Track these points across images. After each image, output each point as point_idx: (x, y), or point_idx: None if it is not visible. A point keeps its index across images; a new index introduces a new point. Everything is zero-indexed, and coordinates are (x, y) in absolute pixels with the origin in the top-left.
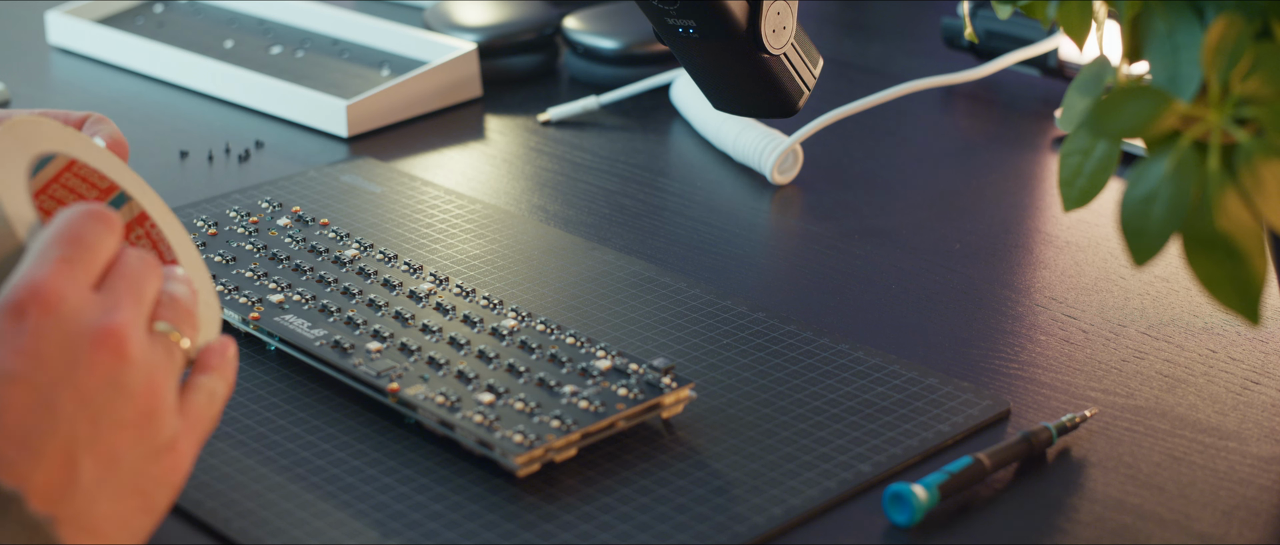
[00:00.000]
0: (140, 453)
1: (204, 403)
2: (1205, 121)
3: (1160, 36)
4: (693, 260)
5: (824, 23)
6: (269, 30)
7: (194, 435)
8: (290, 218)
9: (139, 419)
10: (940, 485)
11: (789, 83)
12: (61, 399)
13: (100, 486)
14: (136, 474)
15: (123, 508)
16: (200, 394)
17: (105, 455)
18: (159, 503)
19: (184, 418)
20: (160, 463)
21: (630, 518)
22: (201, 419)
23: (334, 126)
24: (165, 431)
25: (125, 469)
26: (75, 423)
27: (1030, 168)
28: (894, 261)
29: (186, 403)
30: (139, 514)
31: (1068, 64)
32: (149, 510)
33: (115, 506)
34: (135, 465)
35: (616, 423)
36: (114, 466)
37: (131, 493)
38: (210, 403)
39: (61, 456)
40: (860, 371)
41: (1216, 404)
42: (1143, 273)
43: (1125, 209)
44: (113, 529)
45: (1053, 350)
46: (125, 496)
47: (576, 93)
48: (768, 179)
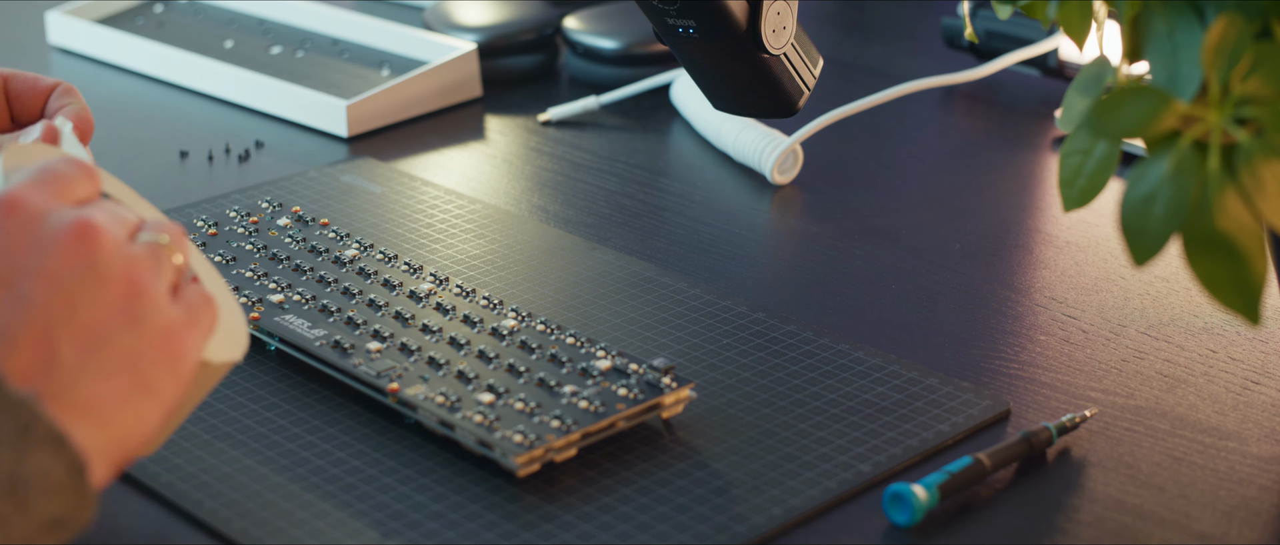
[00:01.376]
0: (127, 333)
1: (199, 299)
2: (1205, 121)
3: (1160, 36)
4: (693, 260)
5: (824, 23)
6: (269, 30)
7: (193, 327)
8: (290, 218)
9: (120, 301)
10: (940, 485)
11: (789, 83)
12: (32, 288)
13: (83, 365)
14: (126, 352)
15: (113, 385)
16: (194, 291)
17: (84, 335)
18: (160, 385)
19: (180, 307)
20: (154, 346)
21: (630, 518)
22: (199, 311)
23: (334, 126)
24: (155, 316)
25: (112, 348)
26: (49, 307)
27: (1030, 168)
28: (894, 261)
29: (181, 296)
30: (136, 393)
31: (1068, 64)
32: (147, 390)
33: (104, 383)
34: (124, 345)
35: (616, 423)
36: (96, 345)
37: (122, 370)
38: (206, 302)
39: (37, 339)
40: (860, 371)
41: (1216, 404)
42: (1143, 273)
43: (1125, 209)
44: (106, 406)
45: (1053, 350)
46: (114, 374)
47: (576, 93)
48: (768, 179)
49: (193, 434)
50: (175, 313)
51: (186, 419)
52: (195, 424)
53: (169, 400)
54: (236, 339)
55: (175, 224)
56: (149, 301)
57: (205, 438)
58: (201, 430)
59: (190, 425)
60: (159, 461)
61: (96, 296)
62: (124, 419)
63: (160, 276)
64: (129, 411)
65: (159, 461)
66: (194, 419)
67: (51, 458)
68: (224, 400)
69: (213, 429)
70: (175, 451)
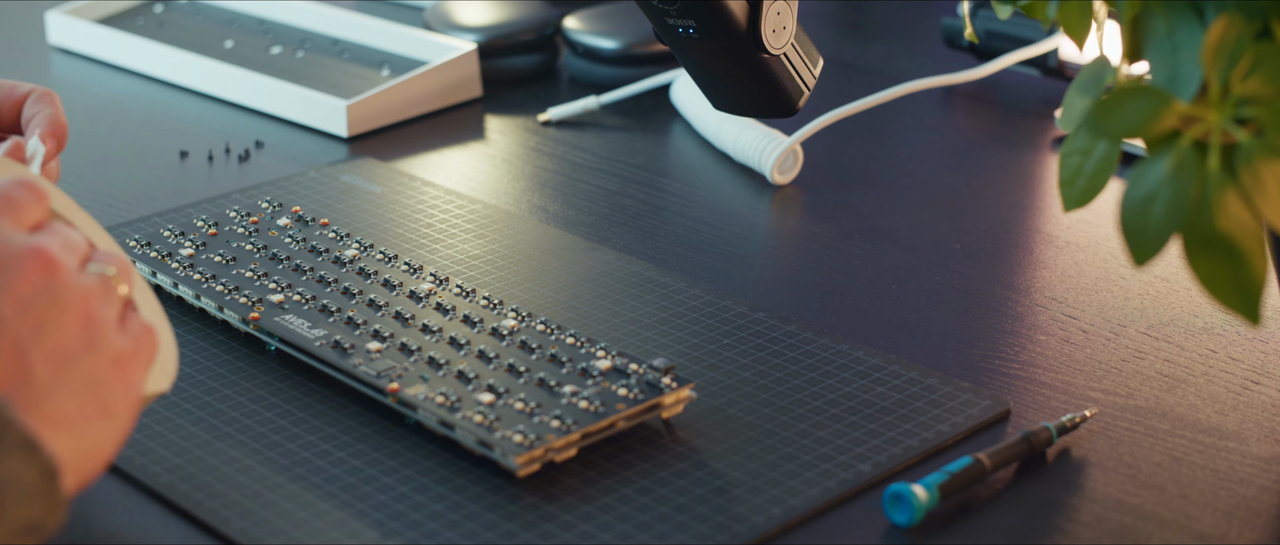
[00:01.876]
0: (88, 358)
1: (142, 330)
2: (1205, 121)
3: (1160, 36)
4: (693, 260)
5: (824, 23)
6: (269, 30)
7: (140, 356)
8: (290, 218)
9: (81, 326)
10: (940, 485)
11: (789, 83)
12: (2, 307)
13: (55, 382)
14: (88, 376)
15: (82, 405)
16: (136, 322)
17: (53, 354)
18: (118, 411)
19: (127, 337)
20: (109, 372)
21: (630, 518)
22: (143, 342)
23: (334, 126)
24: (108, 344)
25: (76, 370)
26: (18, 325)
27: (1030, 168)
28: (894, 261)
29: (127, 325)
30: (100, 418)
31: (1068, 64)
32: (109, 416)
33: (75, 403)
34: (86, 369)
35: (616, 423)
36: (64, 365)
37: (87, 393)
38: (148, 333)
39: (11, 353)
40: (860, 371)
41: (1216, 404)
42: (1143, 273)
43: (1125, 209)
44: (75, 423)
45: (1053, 350)
46: (82, 394)
47: (576, 93)
48: (768, 179)
49: (193, 434)
50: (124, 342)
51: (184, 419)
52: (195, 424)
53: (123, 425)
54: (167, 370)
55: (121, 254)
56: (102, 330)
57: (205, 438)
58: (201, 430)
59: (190, 425)
60: (159, 461)
61: (60, 321)
62: (89, 437)
63: (110, 306)
64: (93, 431)
65: (159, 461)
66: (194, 419)
67: (25, 463)
68: (224, 400)
69: (213, 429)
70: (175, 451)
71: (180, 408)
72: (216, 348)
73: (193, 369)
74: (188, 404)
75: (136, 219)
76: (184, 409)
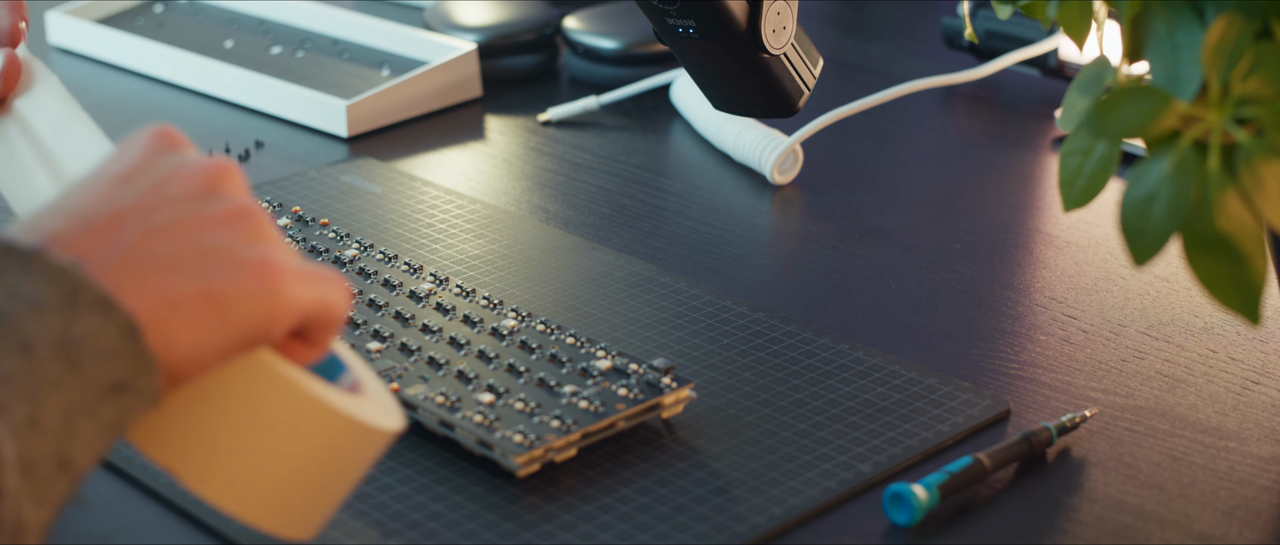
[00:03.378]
0: (216, 233)
1: (326, 272)
2: (1205, 121)
3: (1160, 36)
4: (693, 260)
5: (824, 23)
6: (269, 30)
7: (304, 280)
8: (290, 218)
9: (222, 218)
10: (940, 485)
11: (789, 83)
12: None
13: (153, 258)
14: (202, 258)
15: (174, 284)
16: (322, 267)
17: (161, 228)
18: (233, 306)
19: (296, 258)
20: (242, 260)
21: (630, 518)
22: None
23: (334, 126)
24: (252, 240)
25: (186, 248)
26: (143, 197)
27: (1030, 168)
28: (894, 261)
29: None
30: (201, 303)
31: (1068, 64)
32: (215, 303)
33: (168, 282)
34: (202, 250)
35: (616, 423)
36: (169, 239)
37: (191, 274)
38: (333, 279)
39: (113, 223)
40: (860, 371)
41: (1216, 404)
42: (1143, 273)
43: (1125, 209)
44: (162, 305)
45: (1053, 350)
46: (179, 274)
47: (576, 93)
48: (768, 179)
49: None
50: (277, 253)
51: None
52: None
53: (237, 324)
54: (389, 411)
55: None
56: (250, 225)
57: None
58: None
59: None
60: None
61: (199, 210)
62: (179, 324)
63: (280, 236)
64: (187, 316)
65: None
66: None
67: (101, 320)
68: None
69: None
70: None
71: None
72: None
73: None
74: None
75: None
76: None
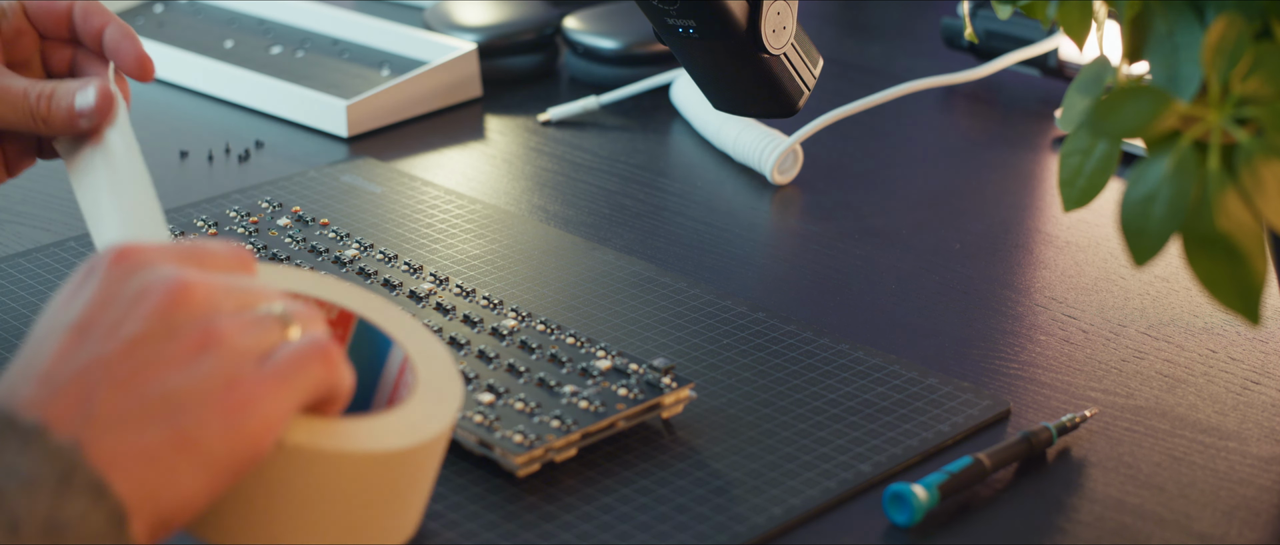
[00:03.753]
0: (174, 376)
1: (305, 355)
2: (1205, 121)
3: (1160, 36)
4: (693, 260)
5: (824, 23)
6: (269, 30)
7: (279, 384)
8: (290, 218)
9: (185, 352)
10: (940, 485)
11: (789, 83)
12: (102, 343)
13: (119, 415)
14: (167, 401)
15: (145, 438)
16: (301, 348)
17: (124, 380)
18: (205, 441)
19: (265, 365)
20: (205, 395)
21: (630, 518)
22: (296, 369)
23: (334, 126)
24: (220, 365)
25: (150, 395)
26: (102, 346)
27: (1030, 168)
28: (894, 261)
29: (273, 356)
30: (174, 452)
31: (1068, 64)
32: (188, 449)
33: (137, 438)
34: (167, 392)
35: (616, 423)
36: (133, 390)
37: (159, 424)
38: (315, 359)
39: (78, 385)
40: (860, 371)
41: (1216, 404)
42: (1143, 273)
43: (1125, 209)
44: (136, 463)
45: (1053, 350)
46: (148, 427)
47: (576, 93)
48: (768, 179)
49: None
50: (251, 367)
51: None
52: None
53: (216, 462)
54: (442, 393)
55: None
56: (219, 351)
57: None
58: None
59: None
60: None
61: (159, 350)
62: (156, 477)
63: (248, 336)
64: (163, 469)
65: None
66: None
67: (91, 504)
68: None
69: None
70: None
71: None
72: None
73: None
74: None
75: None
76: None
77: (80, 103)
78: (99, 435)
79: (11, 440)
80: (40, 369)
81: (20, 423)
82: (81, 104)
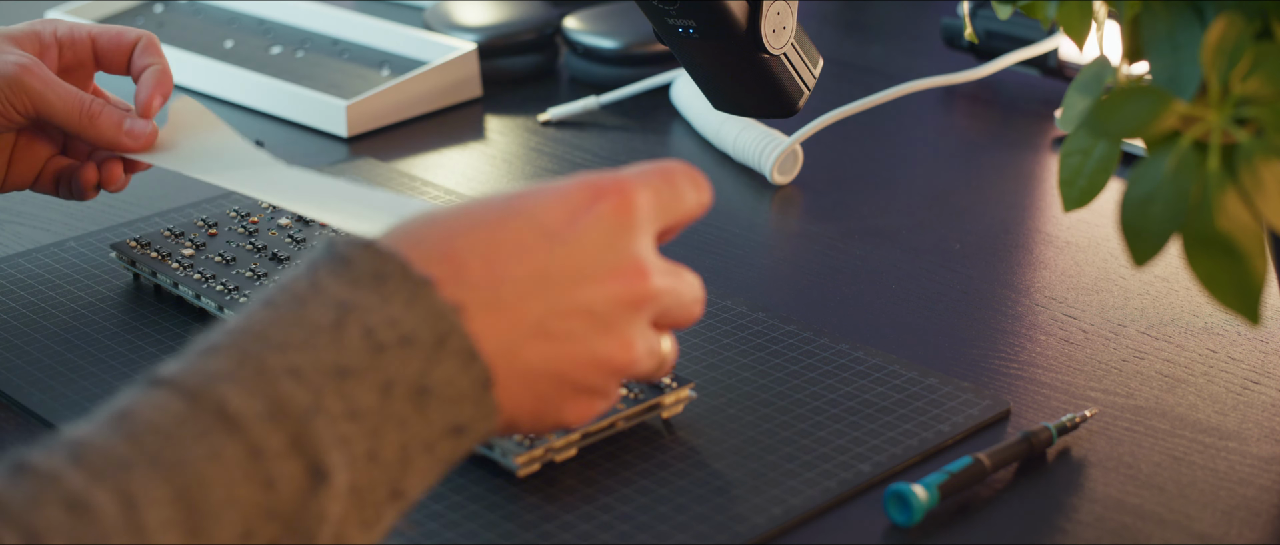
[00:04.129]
0: (585, 380)
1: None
2: (1205, 121)
3: (1160, 36)
4: (693, 260)
5: (824, 23)
6: (269, 30)
7: (604, 407)
8: (290, 217)
9: (608, 365)
10: (940, 485)
11: (789, 83)
12: (565, 260)
13: (530, 351)
14: (564, 386)
15: (534, 389)
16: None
17: (555, 334)
18: (556, 425)
19: (615, 391)
20: (587, 412)
21: (630, 518)
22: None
23: (334, 126)
24: (614, 389)
25: (562, 365)
26: (560, 286)
27: (1030, 168)
28: (894, 261)
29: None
30: (537, 418)
31: (1068, 64)
32: (546, 421)
33: (529, 380)
34: (572, 381)
35: (616, 423)
36: (553, 350)
37: (548, 392)
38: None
39: (516, 289)
40: (860, 371)
41: (1216, 404)
42: (1143, 273)
43: (1125, 209)
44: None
45: (1053, 350)
46: (540, 382)
47: (576, 93)
48: (768, 179)
49: None
50: (608, 403)
51: None
52: None
53: (547, 430)
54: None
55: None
56: (625, 372)
57: None
58: None
59: None
60: None
61: (590, 328)
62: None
63: (645, 366)
64: (524, 409)
65: None
66: None
67: (459, 368)
68: None
69: None
70: None
71: None
72: None
73: None
74: None
75: (136, 219)
76: None
77: (129, 124)
78: (509, 342)
79: (402, 292)
80: (489, 246)
81: (413, 275)
82: (132, 125)
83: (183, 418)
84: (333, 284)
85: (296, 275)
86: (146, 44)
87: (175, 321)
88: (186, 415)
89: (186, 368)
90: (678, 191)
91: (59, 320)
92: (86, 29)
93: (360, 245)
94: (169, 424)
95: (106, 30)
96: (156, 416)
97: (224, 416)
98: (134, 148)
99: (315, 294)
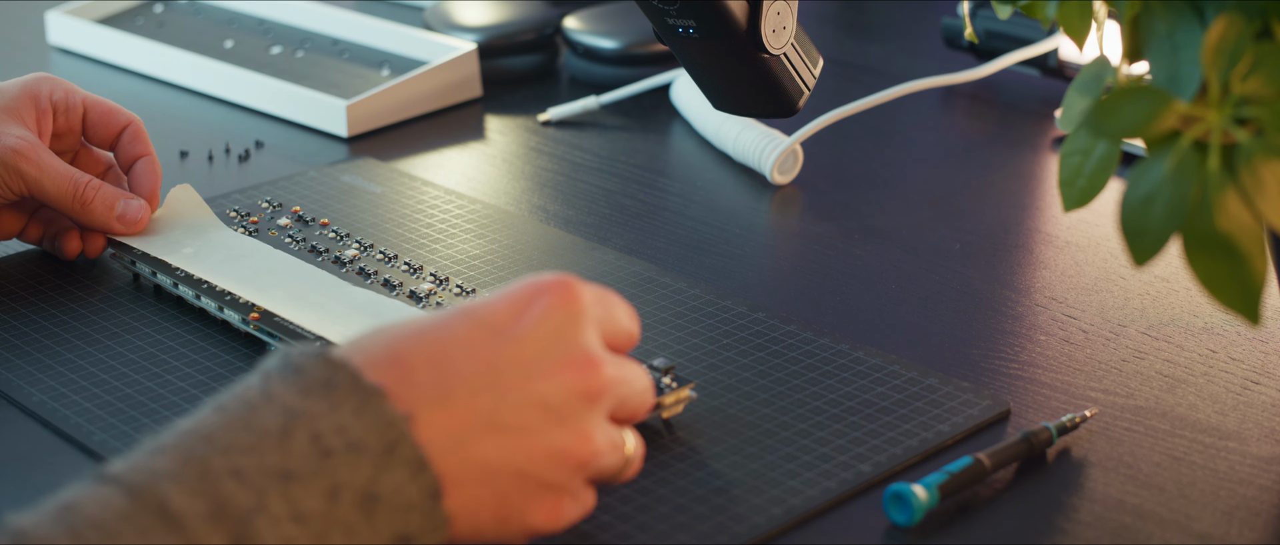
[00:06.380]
0: (541, 474)
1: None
2: (1205, 121)
3: (1160, 36)
4: (693, 260)
5: (824, 23)
6: (269, 30)
7: (585, 506)
8: (290, 218)
9: (563, 457)
10: (940, 485)
11: (789, 83)
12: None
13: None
14: (523, 481)
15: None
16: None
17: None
18: (519, 527)
19: (584, 491)
20: (549, 510)
21: (630, 518)
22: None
23: (334, 126)
24: (575, 484)
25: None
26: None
27: (1030, 168)
28: (894, 261)
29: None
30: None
31: (1068, 64)
32: (507, 522)
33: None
34: (527, 474)
35: None
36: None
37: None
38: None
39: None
40: (860, 371)
41: (1216, 404)
42: (1143, 273)
43: (1125, 209)
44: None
45: (1053, 350)
46: (494, 480)
47: (576, 93)
48: (768, 179)
49: None
50: (582, 491)
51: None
52: None
53: (513, 536)
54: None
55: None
56: (584, 470)
57: None
58: None
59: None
60: None
61: (544, 422)
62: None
63: (606, 461)
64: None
65: None
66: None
67: (409, 478)
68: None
69: None
70: None
71: (180, 408)
72: (217, 348)
73: (192, 369)
74: (187, 404)
75: None
76: (184, 409)
77: (121, 208)
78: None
79: (352, 400)
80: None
81: (362, 384)
82: (123, 210)
83: (125, 514)
84: (283, 391)
85: (249, 382)
86: (134, 131)
87: (175, 321)
88: (129, 512)
89: (132, 465)
90: (612, 307)
91: (59, 320)
92: (80, 97)
93: (313, 355)
94: (110, 520)
95: (99, 104)
96: (99, 512)
97: (165, 515)
98: (124, 233)
99: (266, 401)
